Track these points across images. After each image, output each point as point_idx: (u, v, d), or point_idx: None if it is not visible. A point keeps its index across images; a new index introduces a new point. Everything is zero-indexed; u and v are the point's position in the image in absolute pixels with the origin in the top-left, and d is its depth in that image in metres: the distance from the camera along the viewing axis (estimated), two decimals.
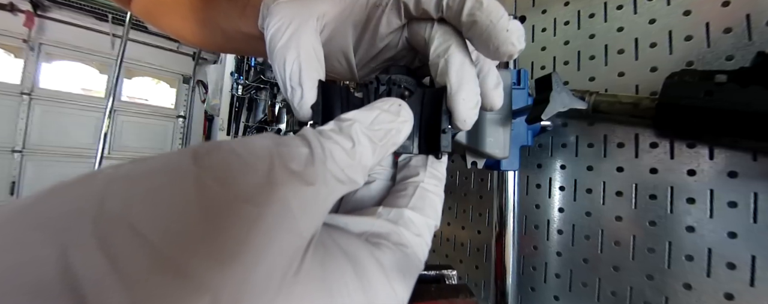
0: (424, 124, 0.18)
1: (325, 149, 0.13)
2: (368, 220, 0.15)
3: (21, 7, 2.31)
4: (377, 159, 0.15)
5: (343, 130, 0.14)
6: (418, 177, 0.18)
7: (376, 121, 0.15)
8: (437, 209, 0.17)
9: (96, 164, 1.47)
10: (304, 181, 0.11)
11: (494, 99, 0.19)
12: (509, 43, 0.16)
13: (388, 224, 0.15)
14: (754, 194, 0.33)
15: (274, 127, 2.36)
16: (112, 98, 1.57)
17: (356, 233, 0.14)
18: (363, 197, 0.18)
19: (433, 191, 0.18)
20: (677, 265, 0.37)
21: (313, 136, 0.13)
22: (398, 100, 0.16)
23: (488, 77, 0.19)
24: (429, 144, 0.18)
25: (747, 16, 0.35)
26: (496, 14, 0.16)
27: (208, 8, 0.27)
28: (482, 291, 0.57)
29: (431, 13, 0.17)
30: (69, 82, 2.58)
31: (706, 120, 0.32)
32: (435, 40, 0.18)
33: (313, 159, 0.12)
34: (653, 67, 0.41)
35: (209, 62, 2.95)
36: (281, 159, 0.11)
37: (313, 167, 0.12)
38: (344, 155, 0.13)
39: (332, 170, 0.12)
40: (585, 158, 0.46)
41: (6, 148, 2.31)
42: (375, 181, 0.19)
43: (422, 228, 0.16)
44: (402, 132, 0.16)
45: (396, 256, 0.14)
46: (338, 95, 0.18)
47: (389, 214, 0.16)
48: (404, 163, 0.19)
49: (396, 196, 0.17)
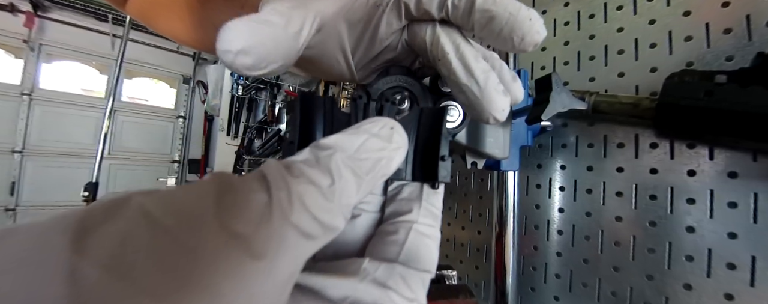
0: (420, 147, 0.16)
1: (291, 193, 0.10)
2: (350, 283, 0.12)
3: (21, 7, 2.31)
4: (362, 195, 0.12)
5: (321, 161, 0.11)
6: (410, 215, 0.15)
7: (363, 148, 0.12)
8: (433, 256, 0.15)
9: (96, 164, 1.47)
10: (251, 251, 0.08)
11: (516, 92, 0.17)
12: (535, 32, 0.15)
13: (374, 288, 0.13)
14: (754, 194, 0.33)
15: (274, 127, 2.36)
16: (112, 98, 1.57)
17: (335, 299, 0.12)
18: (347, 236, 0.16)
19: (428, 234, 0.15)
20: (677, 265, 0.37)
21: (277, 175, 0.10)
22: (390, 122, 0.14)
23: (503, 72, 0.17)
24: (424, 170, 0.16)
25: (747, 16, 0.35)
26: (514, 6, 0.15)
27: (204, 8, 0.27)
28: (482, 291, 0.57)
29: (433, 13, 0.17)
30: (69, 82, 2.58)
31: (706, 120, 0.32)
32: (441, 38, 0.17)
33: (270, 211, 0.09)
34: (653, 68, 0.41)
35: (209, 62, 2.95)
36: (220, 219, 0.08)
37: (270, 223, 0.09)
38: (319, 198, 0.10)
39: (299, 223, 0.09)
40: (585, 159, 0.46)
41: (6, 148, 2.31)
42: (361, 215, 0.16)
43: (416, 287, 0.14)
44: (394, 161, 0.13)
45: None
46: (321, 108, 0.16)
47: (376, 271, 0.13)
48: (395, 192, 0.17)
49: (384, 242, 0.15)
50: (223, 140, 2.66)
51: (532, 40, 0.15)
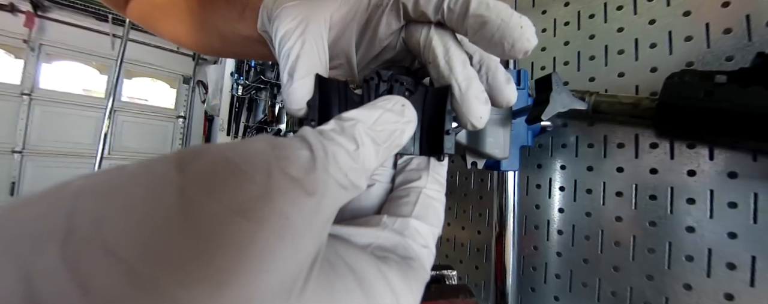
0: (425, 125, 0.18)
1: (327, 152, 0.12)
2: (373, 231, 0.14)
3: (21, 7, 2.31)
4: (380, 162, 0.14)
5: (346, 130, 0.13)
6: (419, 182, 0.17)
7: (379, 121, 0.14)
8: (440, 215, 0.17)
9: (96, 164, 1.47)
10: (305, 190, 0.10)
11: (509, 94, 0.18)
12: (525, 40, 0.15)
13: (394, 235, 0.15)
14: (754, 194, 0.33)
15: (274, 127, 2.36)
16: (112, 98, 1.57)
17: (361, 245, 0.14)
18: (362, 203, 0.17)
19: (436, 197, 0.17)
20: (677, 265, 0.37)
21: (314, 138, 0.12)
22: (402, 99, 0.15)
23: (498, 74, 0.18)
24: (431, 145, 0.18)
25: (747, 16, 0.35)
26: (507, 12, 0.15)
27: (205, 11, 0.27)
28: (482, 291, 0.57)
29: (429, 15, 0.17)
30: (69, 82, 2.58)
31: (706, 120, 0.32)
32: (433, 41, 0.17)
33: (314, 164, 0.11)
34: (653, 68, 0.41)
35: (209, 63, 2.95)
36: (279, 165, 0.10)
37: (315, 173, 0.11)
38: (348, 158, 0.12)
39: (335, 175, 0.11)
40: (585, 159, 0.46)
41: (6, 148, 2.31)
42: (375, 184, 0.18)
43: (428, 238, 0.16)
44: (405, 133, 0.15)
45: (403, 270, 0.13)
46: (336, 92, 0.18)
47: (394, 224, 0.15)
48: (404, 165, 0.19)
49: (398, 203, 0.17)
50: (223, 140, 2.66)
51: (522, 47, 0.16)
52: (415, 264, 0.14)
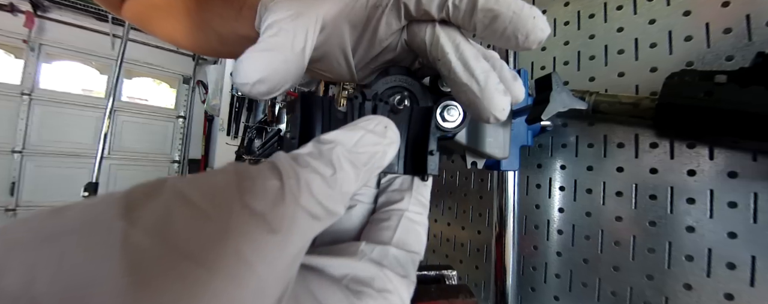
0: (410, 144, 0.17)
1: (300, 180, 0.11)
2: (349, 262, 0.14)
3: (21, 7, 2.31)
4: (360, 185, 0.13)
5: (324, 154, 0.12)
6: (402, 204, 0.17)
7: (360, 143, 0.13)
8: (422, 240, 0.16)
9: (96, 164, 1.47)
10: (269, 226, 0.09)
11: (517, 91, 0.17)
12: (539, 30, 0.15)
13: (371, 266, 0.14)
14: (754, 194, 0.33)
15: (274, 127, 2.36)
16: (112, 99, 1.57)
17: (336, 277, 0.13)
18: (343, 225, 0.17)
19: (418, 221, 0.17)
20: (677, 265, 0.37)
21: (287, 164, 0.11)
22: (384, 120, 0.15)
23: (504, 71, 0.17)
24: (415, 165, 0.17)
25: (747, 16, 0.35)
26: (517, 4, 0.15)
27: (202, 11, 0.27)
28: (482, 291, 0.57)
29: (433, 13, 0.17)
30: (69, 82, 2.58)
31: (706, 120, 0.32)
32: (440, 38, 0.17)
33: (283, 195, 0.10)
34: (653, 68, 0.41)
35: (209, 63, 2.95)
36: (242, 200, 0.09)
37: (283, 205, 0.10)
38: (323, 185, 0.11)
39: (307, 205, 0.11)
40: (585, 158, 0.46)
41: (6, 148, 2.31)
42: (356, 205, 0.17)
43: (408, 267, 0.15)
44: (387, 154, 0.14)
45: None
46: (320, 108, 0.17)
47: (372, 252, 0.14)
48: (387, 184, 0.18)
49: (379, 227, 0.16)
50: (223, 140, 2.66)
51: (537, 37, 0.15)
52: (393, 298, 0.14)
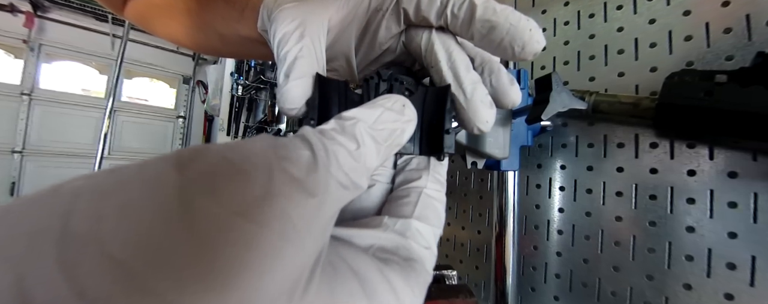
0: (425, 124, 0.18)
1: (328, 152, 0.11)
2: (375, 233, 0.14)
3: (21, 7, 2.31)
4: (381, 161, 0.14)
5: (346, 129, 0.13)
6: (420, 181, 0.17)
7: (380, 120, 0.14)
8: (441, 215, 0.17)
9: (96, 164, 1.47)
10: (307, 191, 0.10)
11: (513, 96, 0.18)
12: (534, 42, 0.16)
13: (396, 237, 0.14)
14: (754, 194, 0.33)
15: (274, 127, 2.36)
16: (112, 99, 1.57)
17: (363, 246, 0.14)
18: (363, 203, 0.17)
19: (436, 197, 0.17)
20: (677, 265, 0.37)
21: (315, 137, 0.12)
22: (402, 98, 0.15)
23: (501, 76, 0.18)
24: (430, 145, 0.18)
25: (747, 16, 0.35)
26: (514, 16, 0.15)
27: (204, 12, 0.27)
28: (482, 291, 0.57)
29: (431, 20, 0.17)
30: (69, 82, 2.58)
31: (706, 120, 0.32)
32: (435, 46, 0.17)
33: (316, 164, 0.11)
34: (653, 67, 0.41)
35: (209, 63, 2.95)
36: (280, 165, 0.10)
37: (317, 173, 0.11)
38: (349, 158, 0.12)
39: (337, 175, 0.11)
40: (585, 158, 0.46)
41: (6, 148, 2.31)
42: (375, 184, 0.18)
43: (430, 239, 0.15)
44: (406, 132, 0.15)
45: (405, 272, 0.13)
46: (336, 91, 0.18)
47: (396, 225, 0.15)
48: (404, 165, 0.19)
49: (399, 203, 0.16)
50: (223, 140, 2.66)
51: (532, 49, 0.16)
52: (417, 266, 0.14)
